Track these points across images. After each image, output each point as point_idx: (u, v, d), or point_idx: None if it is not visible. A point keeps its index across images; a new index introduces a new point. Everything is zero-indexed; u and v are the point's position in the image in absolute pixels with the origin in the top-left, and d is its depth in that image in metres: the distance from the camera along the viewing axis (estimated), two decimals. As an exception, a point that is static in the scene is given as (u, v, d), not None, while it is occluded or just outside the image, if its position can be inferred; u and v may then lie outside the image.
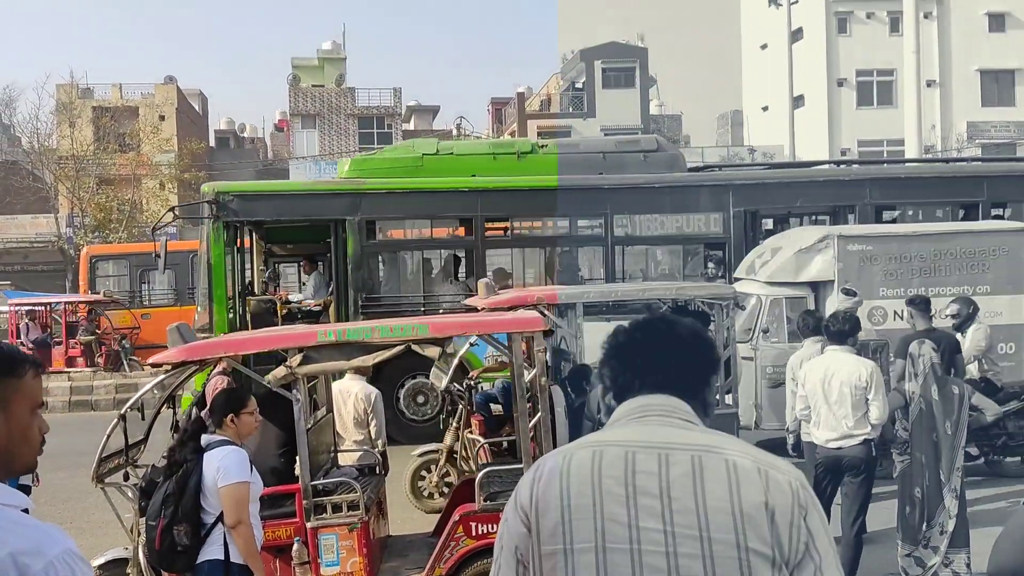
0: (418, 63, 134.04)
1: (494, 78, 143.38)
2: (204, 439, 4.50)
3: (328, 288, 12.13)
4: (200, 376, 7.10)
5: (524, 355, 5.47)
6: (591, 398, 7.14)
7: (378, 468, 6.68)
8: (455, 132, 49.53)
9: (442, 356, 5.32)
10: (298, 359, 5.12)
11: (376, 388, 7.54)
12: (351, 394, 7.38)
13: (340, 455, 6.86)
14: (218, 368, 6.87)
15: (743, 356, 8.92)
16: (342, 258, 11.27)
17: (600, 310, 8.69)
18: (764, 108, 45.30)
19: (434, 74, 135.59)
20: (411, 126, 51.24)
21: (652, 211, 11.87)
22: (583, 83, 44.50)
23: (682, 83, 57.04)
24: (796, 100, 36.70)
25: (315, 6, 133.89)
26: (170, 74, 44.45)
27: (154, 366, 5.28)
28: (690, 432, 1.72)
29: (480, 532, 5.31)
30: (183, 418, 6.08)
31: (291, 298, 12.78)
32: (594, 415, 6.88)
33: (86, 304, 19.74)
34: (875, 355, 7.31)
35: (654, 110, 48.10)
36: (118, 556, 5.25)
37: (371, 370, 7.50)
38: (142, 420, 5.39)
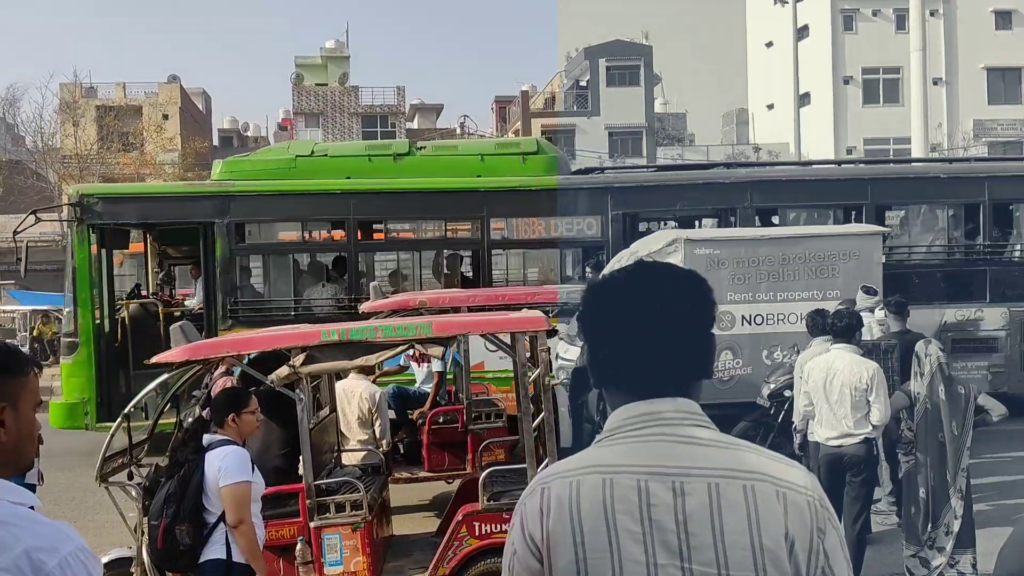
0: (422, 62, 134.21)
1: (498, 77, 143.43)
2: (206, 438, 4.50)
3: None
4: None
5: (527, 354, 5.46)
6: (591, 398, 7.13)
7: (382, 468, 6.67)
8: (459, 131, 49.55)
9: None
10: (301, 358, 5.11)
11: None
12: (355, 393, 7.37)
13: (344, 455, 6.85)
14: (221, 368, 6.86)
15: None
16: (211, 261, 11.15)
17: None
18: (769, 106, 45.24)
19: (438, 73, 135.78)
20: (415, 125, 51.27)
21: (529, 214, 11.74)
22: (587, 81, 44.46)
23: (687, 81, 57.02)
24: (802, 98, 36.68)
25: (318, 5, 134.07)
26: (174, 73, 44.64)
27: (157, 366, 5.27)
28: (705, 448, 1.61)
29: (483, 532, 5.29)
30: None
31: (189, 303, 12.76)
32: (594, 416, 6.87)
33: None
34: (885, 355, 7.29)
35: (659, 108, 48.04)
36: (122, 555, 5.25)
37: (375, 370, 7.50)
38: (145, 419, 5.40)
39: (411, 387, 9.33)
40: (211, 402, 4.98)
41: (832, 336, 6.39)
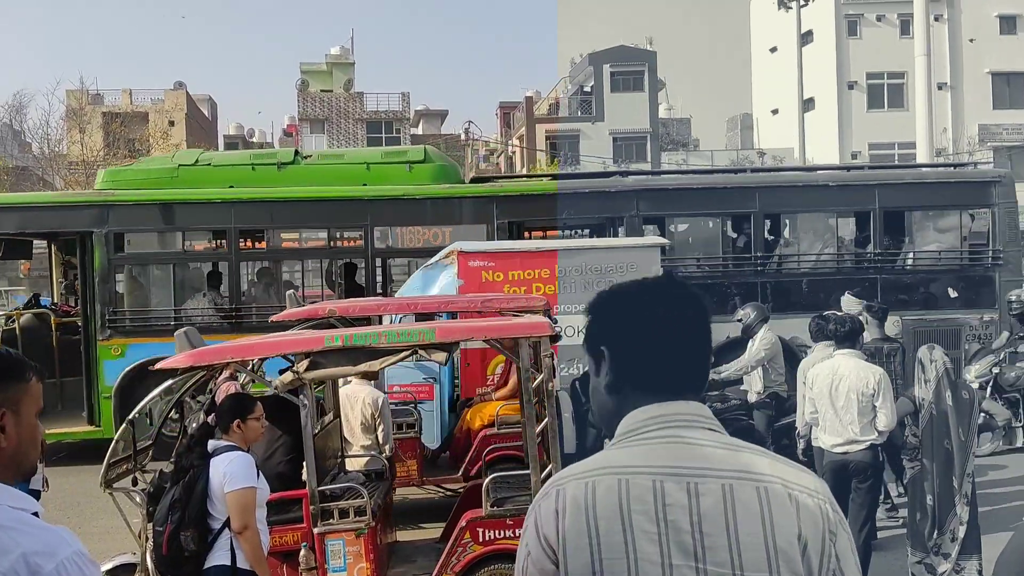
0: (426, 68, 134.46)
1: (503, 82, 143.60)
2: (211, 444, 4.50)
3: None
4: None
5: (531, 360, 5.46)
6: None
7: (385, 473, 6.67)
8: (463, 136, 49.62)
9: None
10: (305, 364, 5.12)
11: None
12: (358, 399, 7.37)
13: (347, 460, 6.85)
14: (225, 373, 6.87)
15: None
16: (90, 271, 11.11)
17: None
18: (774, 111, 45.20)
19: (443, 79, 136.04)
20: (419, 130, 51.38)
21: (414, 222, 11.75)
22: (591, 87, 44.50)
23: (691, 86, 57.08)
24: (806, 103, 36.59)
25: (324, 12, 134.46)
26: (180, 79, 44.83)
27: (162, 371, 5.28)
28: (717, 450, 1.63)
29: (487, 538, 5.29)
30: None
31: None
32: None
33: None
34: (888, 360, 7.28)
35: (663, 114, 48.05)
36: (126, 561, 5.26)
37: (378, 375, 7.50)
38: (150, 425, 5.41)
39: None
40: (216, 408, 4.99)
41: (835, 342, 6.37)
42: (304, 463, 5.38)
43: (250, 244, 12.82)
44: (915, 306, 11.30)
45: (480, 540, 5.30)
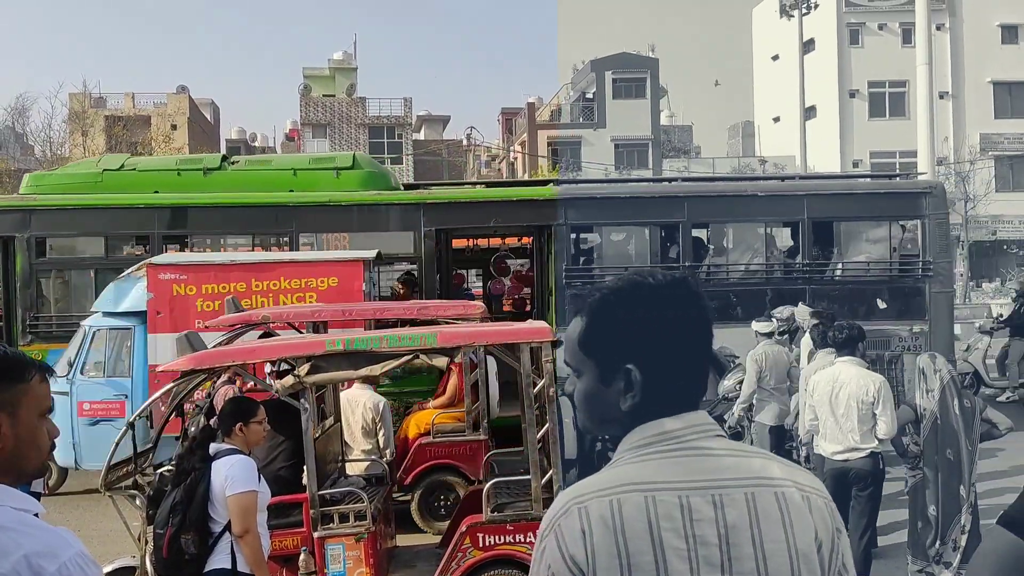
0: (429, 74, 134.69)
1: (505, 88, 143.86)
2: (212, 448, 4.50)
3: None
4: None
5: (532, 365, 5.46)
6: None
7: (386, 478, 6.67)
8: (465, 142, 49.67)
9: None
10: (306, 368, 5.12)
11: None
12: (359, 403, 7.37)
13: (348, 465, 6.85)
14: (224, 377, 6.87)
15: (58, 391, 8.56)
16: (11, 276, 11.08)
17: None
18: (775, 119, 45.28)
19: (445, 84, 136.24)
20: (421, 136, 51.44)
21: (340, 229, 11.70)
22: (594, 93, 44.57)
23: (693, 94, 57.18)
24: (808, 111, 36.65)
25: (327, 17, 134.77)
26: (182, 84, 44.84)
27: (163, 374, 5.28)
28: (732, 459, 1.63)
29: (487, 543, 5.28)
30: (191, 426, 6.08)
31: None
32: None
33: None
34: (889, 367, 7.28)
35: (664, 121, 48.13)
36: (126, 564, 5.26)
37: (379, 380, 7.50)
38: (151, 428, 5.41)
39: None
40: (219, 411, 4.98)
41: (835, 349, 6.36)
42: (304, 467, 5.38)
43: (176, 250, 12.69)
44: (844, 317, 11.18)
45: (480, 545, 5.29)
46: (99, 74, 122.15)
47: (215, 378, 6.52)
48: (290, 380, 5.14)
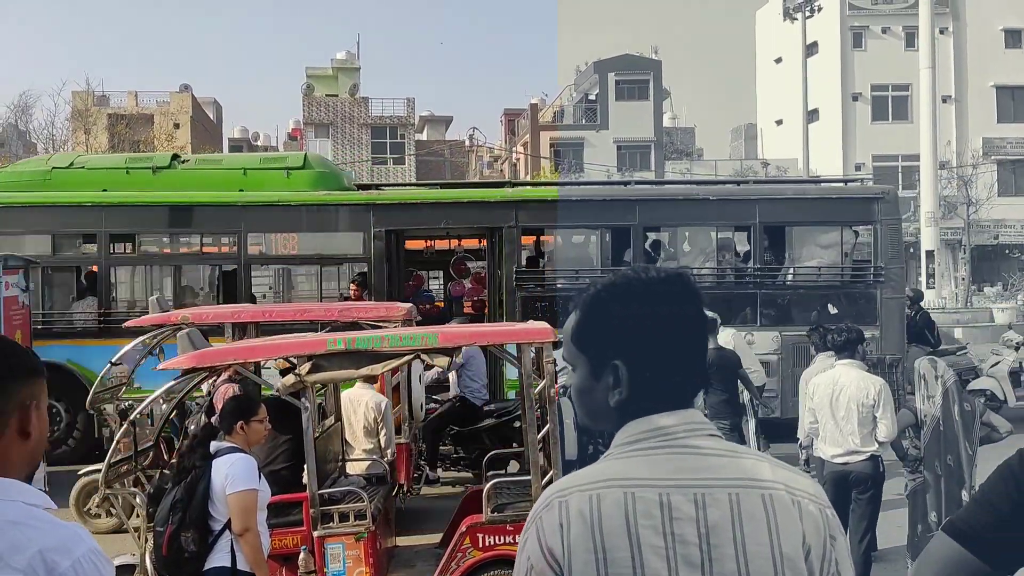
0: (432, 74, 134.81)
1: (507, 89, 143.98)
2: (213, 446, 4.50)
3: None
4: None
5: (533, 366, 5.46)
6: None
7: (386, 478, 6.67)
8: (468, 143, 49.67)
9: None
10: (307, 367, 5.12)
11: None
12: (361, 403, 7.37)
13: (348, 464, 6.85)
14: (224, 375, 6.88)
15: None
16: None
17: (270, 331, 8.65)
18: (778, 122, 45.28)
19: (448, 85, 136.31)
20: (424, 136, 51.44)
21: (289, 229, 11.63)
22: (596, 95, 44.58)
23: (696, 96, 57.17)
24: (811, 114, 36.67)
25: (330, 17, 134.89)
26: (185, 82, 44.82)
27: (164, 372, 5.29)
28: (720, 458, 1.61)
29: (487, 543, 5.28)
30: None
31: None
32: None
33: None
34: (890, 370, 7.27)
35: (667, 123, 48.14)
36: (126, 562, 5.26)
37: (380, 379, 7.50)
38: (151, 426, 5.41)
39: None
40: (220, 409, 4.99)
41: (834, 352, 6.35)
42: (305, 466, 5.38)
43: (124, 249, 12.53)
44: (795, 322, 11.08)
45: (480, 546, 5.29)
46: (102, 72, 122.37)
47: (215, 376, 6.53)
48: (291, 379, 5.14)
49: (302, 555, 5.14)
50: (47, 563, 1.62)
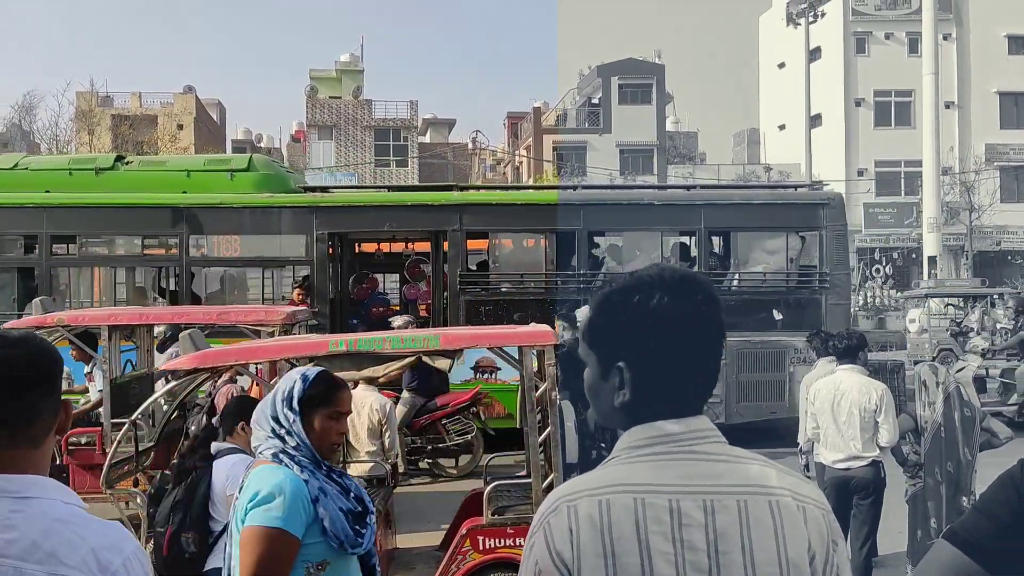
0: (435, 77, 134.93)
1: (511, 93, 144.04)
2: (214, 446, 4.50)
3: None
4: None
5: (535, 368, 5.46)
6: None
7: (388, 479, 6.67)
8: (471, 146, 49.71)
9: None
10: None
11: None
12: (365, 404, 7.37)
13: (349, 466, 6.85)
14: (226, 376, 6.89)
15: None
16: None
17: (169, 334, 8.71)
18: (781, 127, 45.26)
19: (451, 88, 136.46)
20: (427, 139, 51.48)
21: (231, 231, 11.65)
22: (599, 99, 44.60)
23: (699, 100, 57.18)
24: (813, 119, 36.70)
25: (334, 19, 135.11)
26: (189, 83, 44.90)
27: (166, 373, 5.30)
28: (728, 464, 1.62)
29: (487, 546, 5.28)
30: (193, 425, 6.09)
31: None
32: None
33: None
34: (891, 375, 7.27)
35: (670, 127, 48.14)
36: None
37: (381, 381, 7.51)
38: (152, 426, 5.42)
39: None
40: (222, 410, 4.99)
41: (836, 357, 6.35)
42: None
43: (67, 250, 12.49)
44: (740, 327, 10.96)
45: (480, 548, 5.28)
46: (106, 73, 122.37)
47: (216, 377, 6.54)
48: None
49: (302, 556, 5.13)
50: (100, 561, 1.63)
